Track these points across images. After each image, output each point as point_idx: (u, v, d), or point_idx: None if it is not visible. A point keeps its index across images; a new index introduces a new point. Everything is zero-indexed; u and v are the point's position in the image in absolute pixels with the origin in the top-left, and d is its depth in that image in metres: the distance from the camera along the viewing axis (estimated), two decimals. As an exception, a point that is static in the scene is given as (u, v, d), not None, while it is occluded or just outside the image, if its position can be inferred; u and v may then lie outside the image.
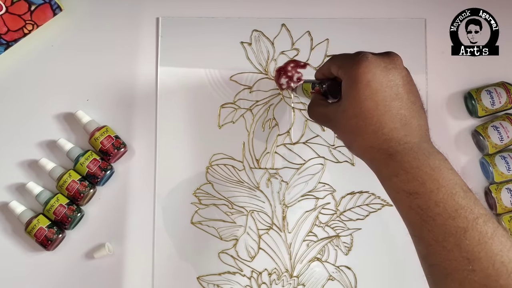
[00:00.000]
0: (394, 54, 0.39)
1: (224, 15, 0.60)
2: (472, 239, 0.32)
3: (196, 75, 0.60)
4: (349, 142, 0.40)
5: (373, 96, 0.37)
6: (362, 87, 0.37)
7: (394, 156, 0.36)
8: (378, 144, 0.37)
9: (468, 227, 0.33)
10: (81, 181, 0.56)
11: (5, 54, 0.58)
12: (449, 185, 0.34)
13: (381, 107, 0.37)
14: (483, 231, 0.33)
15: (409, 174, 0.35)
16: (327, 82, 0.44)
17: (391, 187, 0.37)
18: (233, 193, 0.59)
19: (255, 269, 0.58)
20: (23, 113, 0.59)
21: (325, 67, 0.44)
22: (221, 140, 0.59)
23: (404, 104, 0.37)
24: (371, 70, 0.37)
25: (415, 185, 0.35)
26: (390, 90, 0.37)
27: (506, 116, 0.58)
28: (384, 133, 0.37)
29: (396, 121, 0.37)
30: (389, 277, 0.58)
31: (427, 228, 0.34)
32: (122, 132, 0.59)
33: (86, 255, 0.58)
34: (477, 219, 0.33)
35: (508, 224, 0.57)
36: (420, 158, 0.36)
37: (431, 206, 0.34)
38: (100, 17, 0.60)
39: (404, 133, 0.37)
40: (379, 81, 0.37)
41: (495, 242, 0.32)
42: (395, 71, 0.37)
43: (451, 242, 0.33)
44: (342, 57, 0.41)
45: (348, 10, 0.61)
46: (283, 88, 0.59)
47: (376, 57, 0.37)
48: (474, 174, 0.60)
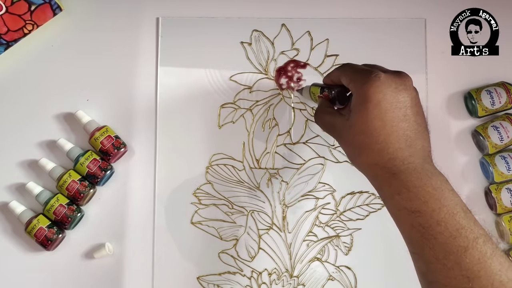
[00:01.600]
0: (405, 75, 0.40)
1: (224, 15, 0.60)
2: (472, 258, 0.33)
3: (196, 75, 0.60)
4: (352, 156, 0.41)
5: (382, 116, 0.37)
6: (371, 106, 0.38)
7: (397, 175, 0.37)
8: (383, 163, 0.38)
9: (468, 246, 0.34)
10: (81, 181, 0.56)
11: (5, 54, 0.58)
12: (450, 205, 0.35)
13: (388, 127, 0.37)
14: (483, 251, 0.34)
15: (411, 193, 0.36)
16: (336, 88, 0.44)
17: (392, 205, 0.38)
18: (233, 193, 0.59)
19: (255, 269, 0.58)
20: (23, 113, 0.59)
21: (335, 75, 0.44)
22: (221, 140, 0.59)
23: (410, 126, 0.38)
24: (382, 91, 0.37)
25: (417, 204, 0.36)
26: (398, 111, 0.38)
27: (506, 116, 0.58)
28: (389, 152, 0.38)
29: (402, 142, 0.37)
30: (389, 277, 0.58)
31: (428, 246, 0.35)
32: (122, 132, 0.59)
33: (86, 255, 0.58)
34: (477, 239, 0.34)
35: (508, 224, 0.57)
36: (423, 178, 0.36)
37: (432, 224, 0.35)
38: (100, 17, 0.60)
39: (409, 153, 0.38)
40: (389, 102, 0.37)
41: (494, 262, 0.33)
42: (405, 93, 0.38)
43: (452, 261, 0.34)
44: (354, 71, 0.41)
45: (348, 10, 0.61)
46: (283, 88, 0.59)
47: (387, 77, 0.38)
48: (474, 174, 0.60)
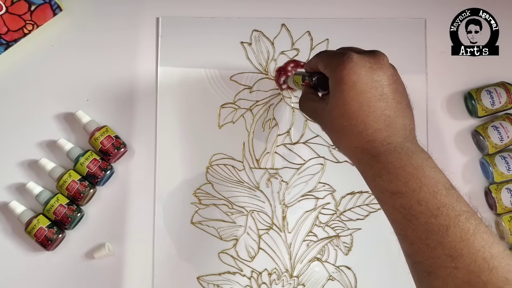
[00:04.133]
0: (380, 53, 0.39)
1: (224, 15, 0.60)
2: (454, 236, 0.33)
3: (196, 75, 0.60)
4: (336, 141, 0.41)
5: (358, 97, 0.37)
6: (347, 88, 0.37)
7: (377, 157, 0.37)
8: (362, 145, 0.37)
9: (450, 224, 0.33)
10: (81, 181, 0.56)
11: (5, 54, 0.58)
12: (431, 183, 0.35)
13: (365, 108, 0.37)
14: (465, 228, 0.33)
15: (391, 174, 0.36)
16: (316, 75, 0.44)
17: (375, 187, 0.38)
18: (233, 193, 0.59)
19: (255, 269, 0.58)
20: (23, 113, 0.59)
21: (313, 62, 0.44)
22: (221, 140, 0.59)
23: (389, 105, 0.37)
24: (356, 71, 0.37)
25: (398, 185, 0.35)
26: (375, 90, 0.37)
27: (506, 116, 0.58)
28: (368, 134, 0.37)
29: (380, 122, 0.37)
30: (388, 277, 0.58)
31: (410, 227, 0.35)
32: (122, 132, 0.59)
33: (86, 255, 0.58)
34: (459, 216, 0.33)
35: (508, 224, 0.57)
36: (403, 158, 0.36)
37: (413, 205, 0.34)
38: (100, 17, 0.60)
39: (388, 133, 0.37)
40: (364, 82, 0.37)
41: (477, 239, 0.33)
42: (380, 71, 0.37)
43: (434, 240, 0.33)
44: (328, 56, 0.41)
45: (348, 10, 0.61)
46: (283, 88, 0.59)
47: (361, 58, 0.37)
48: (474, 174, 0.60)
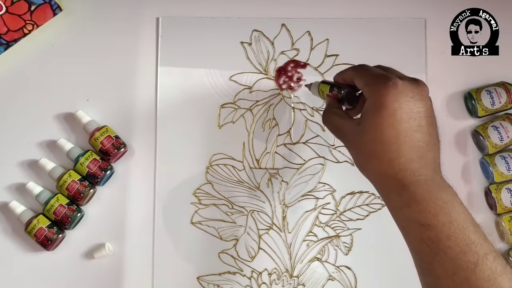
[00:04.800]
0: (422, 84, 0.38)
1: (224, 15, 0.60)
2: (482, 274, 0.33)
3: (196, 75, 0.60)
4: (361, 164, 0.40)
5: (396, 125, 0.36)
6: (386, 115, 0.37)
7: (407, 186, 0.36)
8: (393, 173, 0.37)
9: (478, 262, 0.33)
10: (81, 181, 0.56)
11: (5, 54, 0.58)
12: (460, 219, 0.35)
13: (402, 137, 0.36)
14: (493, 267, 0.33)
15: (421, 205, 0.36)
16: (346, 88, 0.43)
17: (401, 217, 0.37)
18: (233, 193, 0.59)
19: (255, 269, 0.58)
20: (23, 113, 0.59)
21: (348, 75, 0.43)
22: (221, 140, 0.59)
23: (423, 137, 0.37)
24: (398, 99, 0.36)
25: (427, 217, 0.35)
26: (413, 121, 0.37)
27: (506, 116, 0.58)
28: (400, 162, 0.37)
29: (414, 153, 0.37)
30: (389, 277, 0.58)
31: (437, 261, 0.34)
32: (122, 132, 0.59)
33: (86, 255, 0.58)
34: (487, 255, 0.34)
35: (508, 224, 0.57)
36: (433, 191, 0.36)
37: (442, 239, 0.34)
38: (100, 17, 0.60)
39: (419, 165, 0.37)
40: (404, 111, 0.36)
41: (504, 279, 0.33)
42: (420, 103, 0.37)
43: (461, 277, 0.33)
44: (370, 75, 0.40)
45: (348, 10, 0.61)
46: (283, 88, 0.59)
47: (405, 86, 0.37)
48: (474, 174, 0.60)
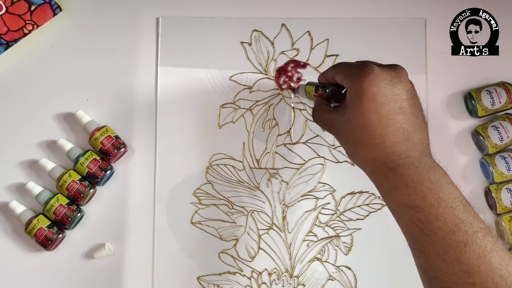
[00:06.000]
0: (400, 68, 0.39)
1: (224, 15, 0.60)
2: (472, 253, 0.33)
3: (196, 75, 0.60)
4: (351, 152, 0.41)
5: (377, 109, 0.37)
6: (367, 100, 0.37)
7: (395, 169, 0.37)
8: (380, 157, 0.38)
9: (468, 241, 0.33)
10: (81, 181, 0.56)
11: (5, 54, 0.58)
12: (449, 199, 0.35)
13: (384, 120, 0.37)
14: (482, 245, 0.33)
15: (409, 188, 0.36)
16: (330, 87, 0.44)
17: (391, 200, 0.38)
18: (233, 193, 0.59)
19: (255, 269, 0.58)
20: (23, 113, 0.59)
21: (329, 74, 0.44)
22: (221, 140, 0.59)
23: (407, 118, 0.37)
24: (376, 84, 0.37)
25: (416, 199, 0.35)
26: (394, 104, 0.37)
27: (506, 116, 0.58)
28: (386, 146, 0.37)
29: (399, 135, 0.37)
30: (389, 277, 0.58)
31: (427, 242, 0.35)
32: (122, 132, 0.59)
33: (86, 255, 0.58)
34: (477, 233, 0.34)
35: (508, 224, 0.57)
36: (421, 172, 0.36)
37: (431, 220, 0.35)
38: (100, 17, 0.60)
39: (406, 147, 0.37)
40: (384, 95, 0.37)
41: (495, 256, 0.33)
42: (400, 85, 0.38)
43: (452, 256, 0.33)
44: (347, 67, 0.41)
45: (348, 10, 0.61)
46: (283, 88, 0.59)
47: (382, 70, 0.38)
48: (474, 174, 0.60)
